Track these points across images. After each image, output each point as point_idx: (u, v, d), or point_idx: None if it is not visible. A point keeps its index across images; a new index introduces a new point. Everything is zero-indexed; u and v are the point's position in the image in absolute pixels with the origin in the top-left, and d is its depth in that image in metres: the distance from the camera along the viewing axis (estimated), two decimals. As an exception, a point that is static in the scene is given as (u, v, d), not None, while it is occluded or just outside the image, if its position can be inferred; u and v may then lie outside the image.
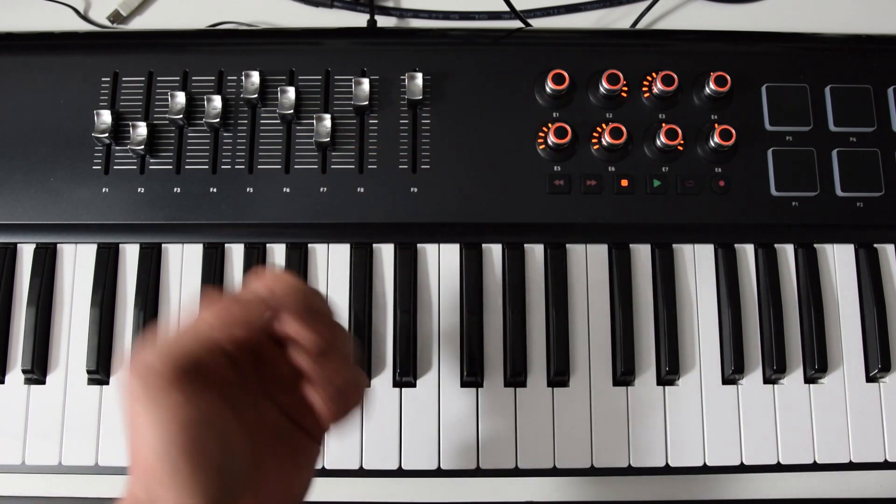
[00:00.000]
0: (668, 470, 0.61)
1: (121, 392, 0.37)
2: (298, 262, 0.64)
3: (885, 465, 0.62)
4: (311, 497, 0.63)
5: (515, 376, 0.62)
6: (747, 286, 0.65)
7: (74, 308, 0.63)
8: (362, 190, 0.64)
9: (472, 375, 0.62)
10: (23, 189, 0.63)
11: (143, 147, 0.63)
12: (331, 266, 0.64)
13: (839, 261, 0.65)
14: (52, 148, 0.64)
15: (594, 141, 0.65)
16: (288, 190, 0.63)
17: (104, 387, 0.62)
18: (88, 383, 0.62)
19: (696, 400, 0.62)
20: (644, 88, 0.66)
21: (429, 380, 0.62)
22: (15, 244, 0.65)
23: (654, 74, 0.65)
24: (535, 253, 0.65)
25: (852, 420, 0.62)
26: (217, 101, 0.64)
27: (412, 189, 0.63)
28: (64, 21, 0.76)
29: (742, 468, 0.62)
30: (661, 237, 0.65)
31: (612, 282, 0.64)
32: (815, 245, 0.66)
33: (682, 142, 0.64)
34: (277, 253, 0.65)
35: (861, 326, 0.64)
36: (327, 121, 0.64)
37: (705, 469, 0.62)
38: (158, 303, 0.64)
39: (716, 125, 0.64)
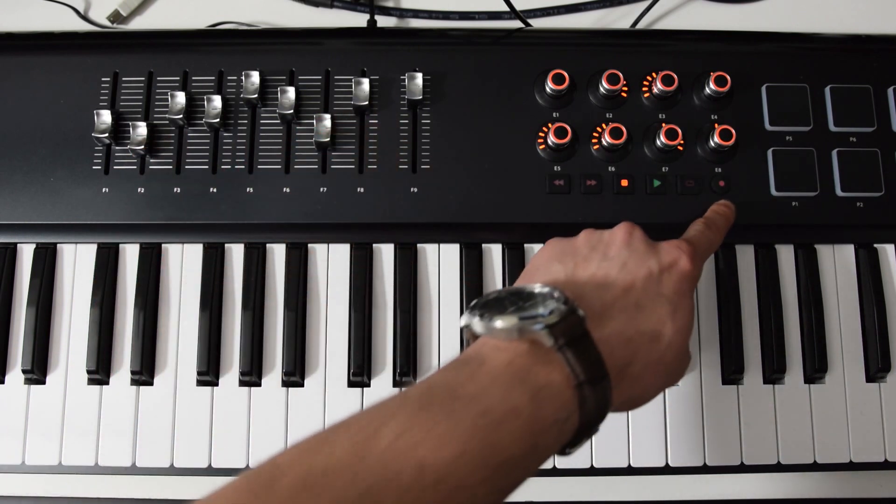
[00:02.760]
0: (668, 470, 0.61)
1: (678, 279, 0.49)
2: (298, 262, 0.64)
3: (885, 465, 0.62)
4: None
5: (515, 376, 0.62)
6: (747, 286, 0.65)
7: (74, 308, 0.63)
8: (362, 190, 0.64)
9: (472, 375, 0.62)
10: (23, 189, 0.63)
11: (143, 147, 0.63)
12: (331, 266, 0.64)
13: (839, 261, 0.66)
14: (52, 148, 0.64)
15: (594, 141, 0.65)
16: (288, 190, 0.63)
17: (104, 387, 0.62)
18: (88, 383, 0.62)
19: (696, 400, 0.62)
20: (644, 88, 0.66)
21: (429, 380, 0.62)
22: (15, 244, 0.65)
23: (654, 74, 0.65)
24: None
25: (852, 420, 0.62)
26: (217, 101, 0.64)
27: (412, 189, 0.63)
28: (64, 21, 0.76)
29: (742, 468, 0.62)
30: (660, 237, 0.65)
31: (612, 282, 0.64)
32: (815, 245, 0.66)
33: (682, 142, 0.64)
34: (277, 253, 0.65)
35: (861, 326, 0.64)
36: (327, 121, 0.64)
37: (705, 469, 0.62)
38: (158, 303, 0.64)
39: (716, 125, 0.64)
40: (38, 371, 0.62)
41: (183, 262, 0.64)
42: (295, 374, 0.62)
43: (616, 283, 0.47)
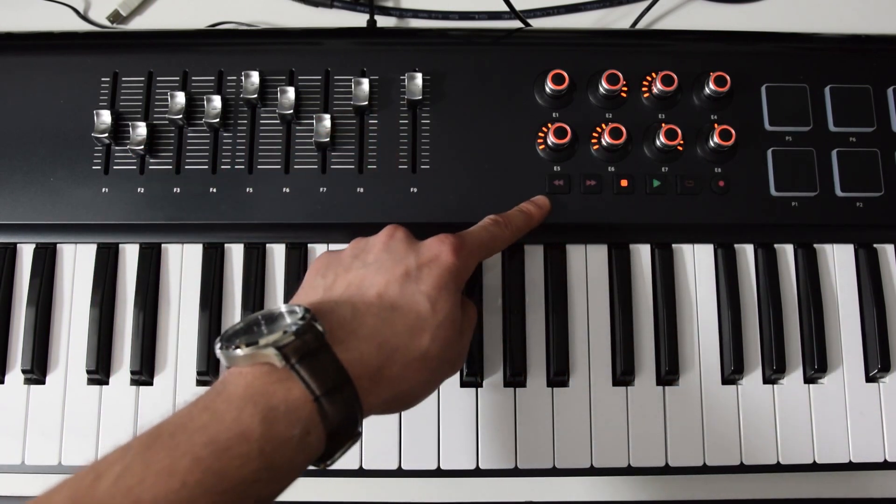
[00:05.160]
0: (668, 470, 0.61)
1: (433, 276, 0.49)
2: (298, 262, 0.64)
3: (885, 465, 0.62)
4: (311, 497, 0.63)
5: (515, 376, 0.62)
6: (747, 286, 0.65)
7: (74, 308, 0.63)
8: (362, 190, 0.64)
9: (471, 375, 0.62)
10: (23, 189, 0.63)
11: (142, 147, 0.63)
12: (331, 266, 0.64)
13: (839, 261, 0.65)
14: (52, 148, 0.64)
15: (594, 141, 0.65)
16: (288, 190, 0.63)
17: (104, 387, 0.62)
18: (88, 383, 0.62)
19: (696, 400, 0.62)
20: (644, 88, 0.66)
21: (429, 380, 0.62)
22: (15, 244, 0.65)
23: (653, 74, 0.65)
24: (536, 253, 0.65)
25: (852, 420, 0.62)
26: (217, 101, 0.64)
27: (412, 189, 0.63)
28: (64, 21, 0.76)
29: (742, 468, 0.62)
30: (661, 237, 0.65)
31: (612, 282, 0.64)
32: (815, 245, 0.66)
33: (681, 142, 0.64)
34: (277, 253, 0.65)
35: (861, 326, 0.64)
36: (327, 121, 0.64)
37: (705, 469, 0.62)
38: (158, 303, 0.64)
39: (715, 125, 0.64)
40: (37, 371, 0.62)
41: (183, 262, 0.64)
42: (295, 374, 0.62)
43: (371, 287, 0.48)
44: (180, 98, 0.64)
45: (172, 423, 0.40)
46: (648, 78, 0.66)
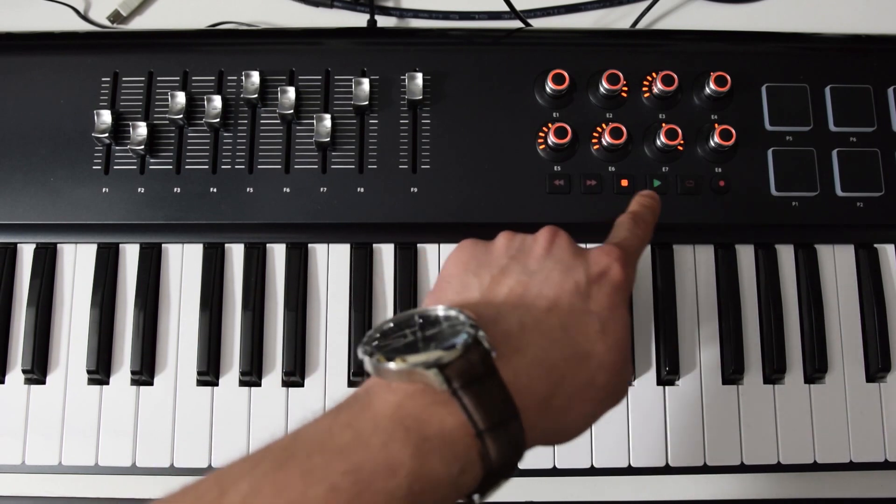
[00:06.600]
0: (668, 470, 0.61)
1: (607, 296, 0.44)
2: (298, 262, 0.64)
3: (885, 465, 0.62)
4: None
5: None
6: (747, 286, 0.65)
7: (74, 308, 0.63)
8: (362, 190, 0.64)
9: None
10: (23, 189, 0.63)
11: (143, 147, 0.63)
12: (331, 266, 0.64)
13: (839, 261, 0.65)
14: (52, 148, 0.64)
15: (594, 141, 0.65)
16: (288, 190, 0.63)
17: (104, 387, 0.62)
18: (88, 383, 0.62)
19: (696, 400, 0.62)
20: (644, 88, 0.66)
21: (429, 380, 0.62)
22: (15, 244, 0.65)
23: (654, 74, 0.65)
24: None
25: (852, 420, 0.62)
26: (217, 101, 0.64)
27: (412, 189, 0.63)
28: (64, 21, 0.76)
29: (742, 468, 0.62)
30: (661, 237, 0.65)
31: (612, 282, 0.64)
32: (815, 245, 0.66)
33: (682, 142, 0.64)
34: (277, 253, 0.65)
35: (861, 326, 0.64)
36: (327, 121, 0.64)
37: (705, 469, 0.62)
38: (158, 303, 0.64)
39: (716, 125, 0.64)
40: (38, 371, 0.62)
41: (183, 262, 0.64)
42: (295, 374, 0.62)
43: (538, 300, 0.42)
44: (180, 98, 0.64)
45: (310, 439, 0.35)
46: (649, 78, 0.66)
